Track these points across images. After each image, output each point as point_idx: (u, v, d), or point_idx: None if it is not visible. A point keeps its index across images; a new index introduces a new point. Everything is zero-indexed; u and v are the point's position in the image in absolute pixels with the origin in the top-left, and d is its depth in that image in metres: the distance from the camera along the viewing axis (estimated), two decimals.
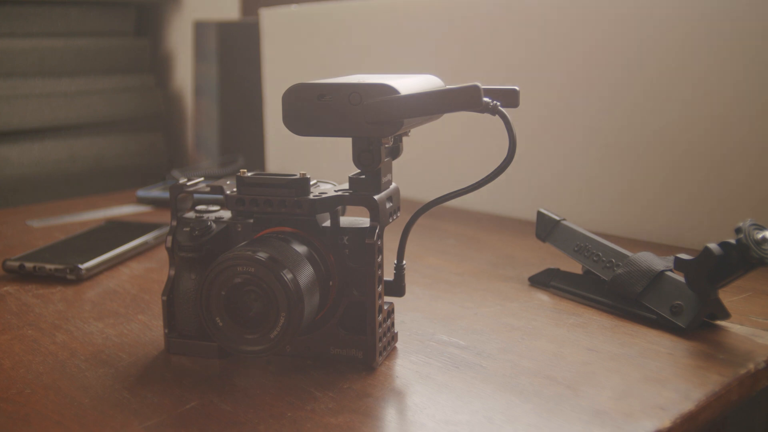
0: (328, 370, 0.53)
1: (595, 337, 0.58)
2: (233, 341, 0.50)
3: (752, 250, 0.53)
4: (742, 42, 0.77)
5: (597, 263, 0.65)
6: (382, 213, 0.52)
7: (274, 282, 0.48)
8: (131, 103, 1.60)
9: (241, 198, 0.53)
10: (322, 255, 0.53)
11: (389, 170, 0.55)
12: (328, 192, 0.53)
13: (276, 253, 0.49)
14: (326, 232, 0.53)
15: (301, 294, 0.48)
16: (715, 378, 0.50)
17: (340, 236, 0.53)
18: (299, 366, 0.54)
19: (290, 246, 0.51)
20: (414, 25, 1.06)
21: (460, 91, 0.48)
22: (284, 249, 0.50)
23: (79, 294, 0.71)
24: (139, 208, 1.08)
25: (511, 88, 0.55)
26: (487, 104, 0.50)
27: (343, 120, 0.50)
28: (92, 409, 0.48)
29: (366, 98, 0.49)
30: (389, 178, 0.55)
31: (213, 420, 0.47)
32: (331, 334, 0.54)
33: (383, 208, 0.52)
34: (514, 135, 0.50)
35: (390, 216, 0.54)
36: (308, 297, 0.49)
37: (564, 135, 0.92)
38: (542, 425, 0.45)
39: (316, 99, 0.50)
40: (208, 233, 0.55)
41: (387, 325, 0.55)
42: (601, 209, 0.89)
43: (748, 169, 0.78)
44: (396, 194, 0.55)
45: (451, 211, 0.99)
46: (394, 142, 0.55)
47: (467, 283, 0.71)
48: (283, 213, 0.52)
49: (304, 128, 0.51)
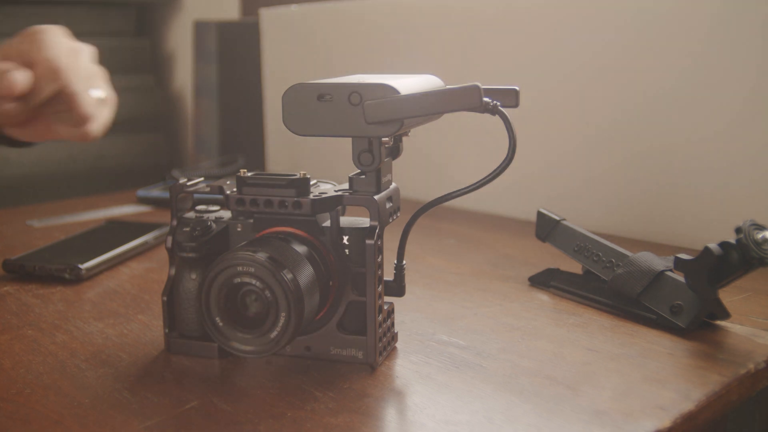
0: (328, 370, 0.53)
1: (595, 337, 0.58)
2: (233, 341, 0.50)
3: (752, 250, 0.53)
4: (742, 42, 0.77)
5: (597, 263, 0.65)
6: (381, 213, 0.52)
7: (273, 282, 0.48)
8: (131, 104, 1.60)
9: (241, 198, 0.53)
10: (322, 255, 0.53)
11: (389, 170, 0.55)
12: (328, 192, 0.53)
13: (276, 253, 0.49)
14: (326, 232, 0.53)
15: (301, 294, 0.48)
16: (715, 378, 0.50)
17: (340, 236, 0.53)
18: (299, 366, 0.54)
19: (290, 246, 0.51)
20: (414, 25, 1.06)
21: (461, 91, 0.48)
22: (284, 249, 0.50)
23: (79, 294, 0.71)
24: (139, 208, 1.08)
25: (511, 88, 0.55)
26: (487, 104, 0.50)
27: (343, 120, 0.50)
28: (92, 409, 0.48)
29: (366, 98, 0.49)
30: (389, 178, 0.55)
31: (213, 420, 0.47)
32: (331, 334, 0.54)
33: (383, 209, 0.52)
34: (515, 135, 0.50)
35: (390, 216, 0.54)
36: (308, 297, 0.49)
37: (564, 135, 0.92)
38: (542, 425, 0.45)
39: (316, 99, 0.50)
40: (208, 233, 0.55)
41: (387, 325, 0.55)
42: (601, 209, 0.89)
43: (748, 170, 0.78)
44: (396, 194, 0.55)
45: (451, 211, 0.99)
46: (394, 142, 0.55)
47: (467, 283, 0.71)
48: (283, 213, 0.52)
49: (303, 128, 0.51)
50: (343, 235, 0.53)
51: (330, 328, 0.54)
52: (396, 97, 0.48)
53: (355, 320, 0.54)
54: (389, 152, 0.54)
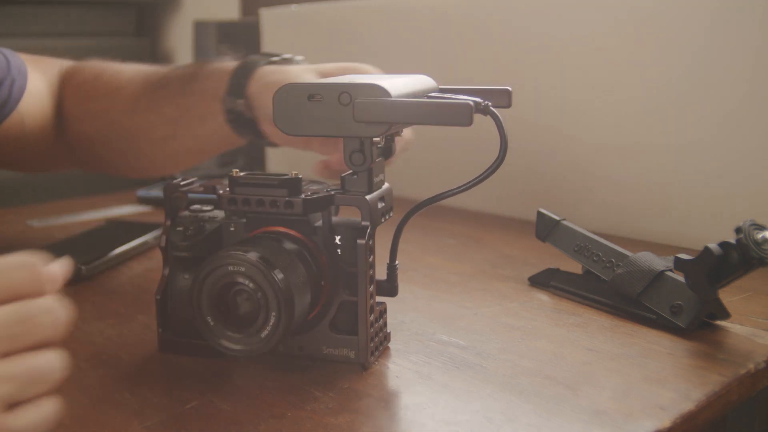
0: (329, 370, 0.53)
1: (595, 337, 0.58)
2: (224, 340, 0.50)
3: (752, 250, 0.53)
4: (743, 42, 0.77)
5: (597, 263, 0.65)
6: (373, 213, 0.52)
7: (264, 282, 0.48)
8: None
9: (233, 198, 0.53)
10: (314, 255, 0.53)
11: (381, 170, 0.55)
12: (320, 192, 0.53)
13: (267, 253, 0.49)
14: (318, 232, 0.53)
15: (291, 294, 0.48)
16: (715, 378, 0.50)
17: (332, 236, 0.53)
18: (299, 366, 0.54)
19: (282, 246, 0.51)
20: (414, 25, 1.06)
21: (450, 108, 0.47)
22: (276, 249, 0.50)
23: (79, 294, 0.70)
24: (139, 208, 1.08)
25: (504, 89, 0.55)
26: (478, 105, 0.50)
27: (332, 120, 0.50)
28: (92, 409, 0.48)
29: (356, 98, 0.49)
30: (381, 178, 0.55)
31: (213, 420, 0.47)
32: (323, 333, 0.54)
33: (374, 209, 0.52)
34: (506, 136, 0.50)
35: (382, 216, 0.54)
36: (299, 297, 0.49)
37: (564, 135, 0.92)
38: (542, 425, 0.45)
39: (306, 99, 0.50)
40: (201, 233, 0.55)
41: (379, 324, 0.55)
42: (601, 209, 0.89)
43: (748, 169, 0.78)
44: (389, 194, 0.55)
45: (451, 211, 0.99)
46: (386, 143, 0.55)
47: (467, 283, 0.71)
48: (274, 213, 0.52)
49: (294, 128, 0.51)
50: (336, 235, 0.53)
51: (322, 328, 0.54)
52: (386, 100, 0.48)
53: (347, 320, 0.54)
54: (381, 152, 0.54)
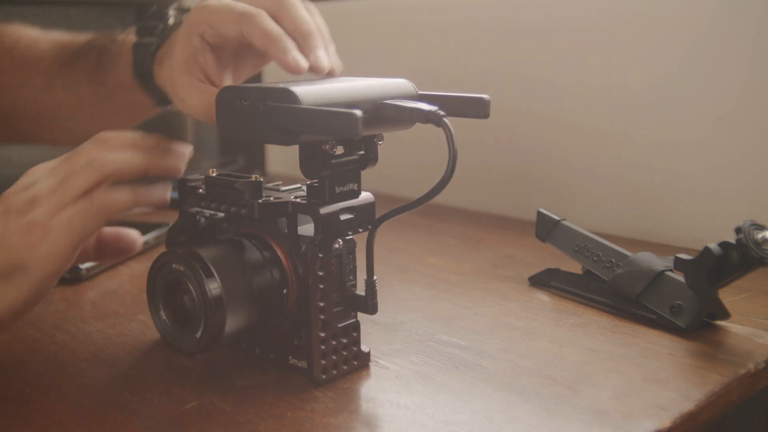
0: None
1: (595, 337, 0.58)
2: (170, 336, 0.51)
3: (752, 250, 0.53)
4: (744, 41, 0.77)
5: (597, 263, 0.65)
6: (326, 225, 0.50)
7: (197, 287, 0.48)
8: None
9: (203, 196, 0.53)
10: (280, 262, 0.52)
11: (355, 179, 0.52)
12: (283, 198, 0.51)
13: (215, 258, 0.49)
14: (285, 240, 0.52)
15: (222, 302, 0.48)
16: (715, 378, 0.50)
17: (298, 244, 0.52)
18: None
19: (240, 251, 0.51)
20: (413, 25, 1.06)
21: (338, 116, 0.44)
22: (228, 254, 0.51)
23: (79, 294, 0.71)
24: (139, 208, 1.08)
25: (480, 97, 0.52)
26: (430, 114, 0.47)
27: (256, 125, 0.48)
28: (92, 409, 0.48)
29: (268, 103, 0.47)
30: (352, 188, 0.52)
31: (213, 420, 0.47)
32: (287, 343, 0.53)
33: (330, 220, 0.50)
34: (455, 149, 0.47)
35: (349, 228, 0.51)
36: (233, 307, 0.49)
37: (564, 135, 0.92)
38: (542, 425, 0.45)
39: (239, 102, 0.48)
40: (194, 228, 0.56)
41: (340, 342, 0.52)
42: (601, 209, 0.89)
43: (748, 169, 0.78)
44: (365, 206, 0.52)
45: (451, 211, 0.99)
46: (365, 151, 0.52)
47: (467, 283, 0.71)
48: (231, 214, 0.52)
49: (231, 131, 0.50)
50: (301, 244, 0.51)
51: (286, 337, 0.53)
52: (291, 107, 0.46)
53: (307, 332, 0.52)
54: (359, 161, 0.52)
